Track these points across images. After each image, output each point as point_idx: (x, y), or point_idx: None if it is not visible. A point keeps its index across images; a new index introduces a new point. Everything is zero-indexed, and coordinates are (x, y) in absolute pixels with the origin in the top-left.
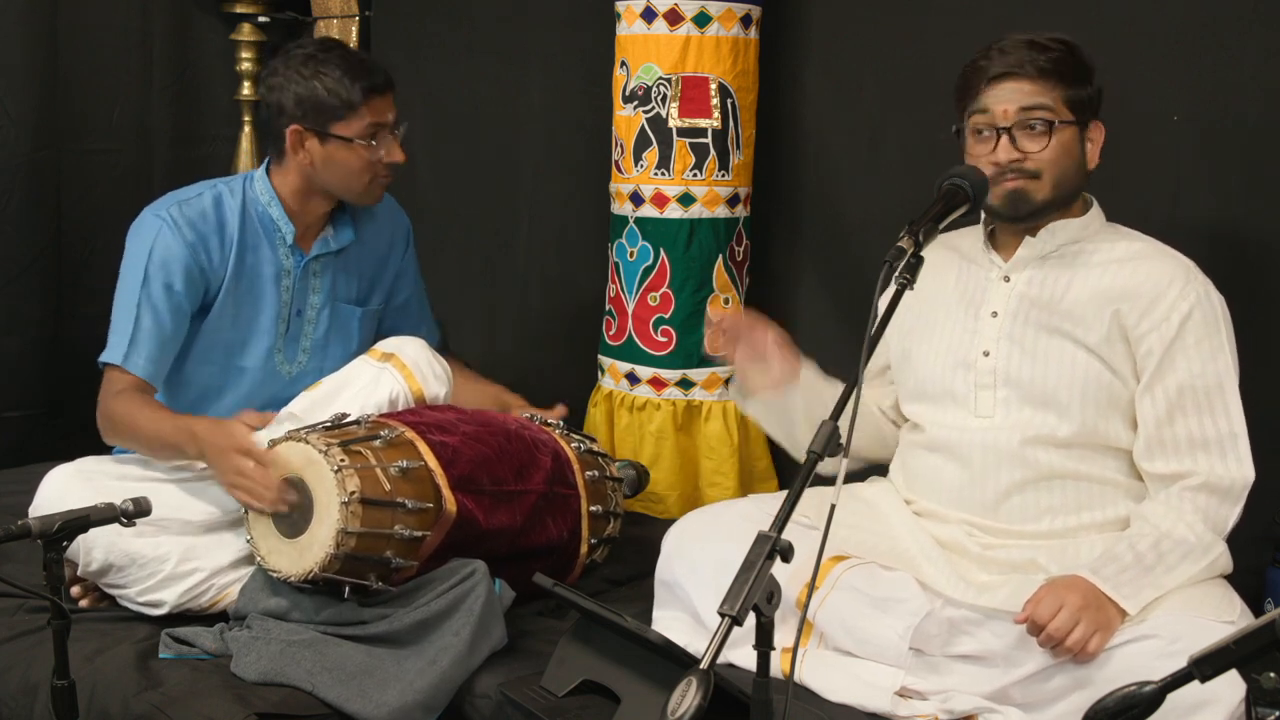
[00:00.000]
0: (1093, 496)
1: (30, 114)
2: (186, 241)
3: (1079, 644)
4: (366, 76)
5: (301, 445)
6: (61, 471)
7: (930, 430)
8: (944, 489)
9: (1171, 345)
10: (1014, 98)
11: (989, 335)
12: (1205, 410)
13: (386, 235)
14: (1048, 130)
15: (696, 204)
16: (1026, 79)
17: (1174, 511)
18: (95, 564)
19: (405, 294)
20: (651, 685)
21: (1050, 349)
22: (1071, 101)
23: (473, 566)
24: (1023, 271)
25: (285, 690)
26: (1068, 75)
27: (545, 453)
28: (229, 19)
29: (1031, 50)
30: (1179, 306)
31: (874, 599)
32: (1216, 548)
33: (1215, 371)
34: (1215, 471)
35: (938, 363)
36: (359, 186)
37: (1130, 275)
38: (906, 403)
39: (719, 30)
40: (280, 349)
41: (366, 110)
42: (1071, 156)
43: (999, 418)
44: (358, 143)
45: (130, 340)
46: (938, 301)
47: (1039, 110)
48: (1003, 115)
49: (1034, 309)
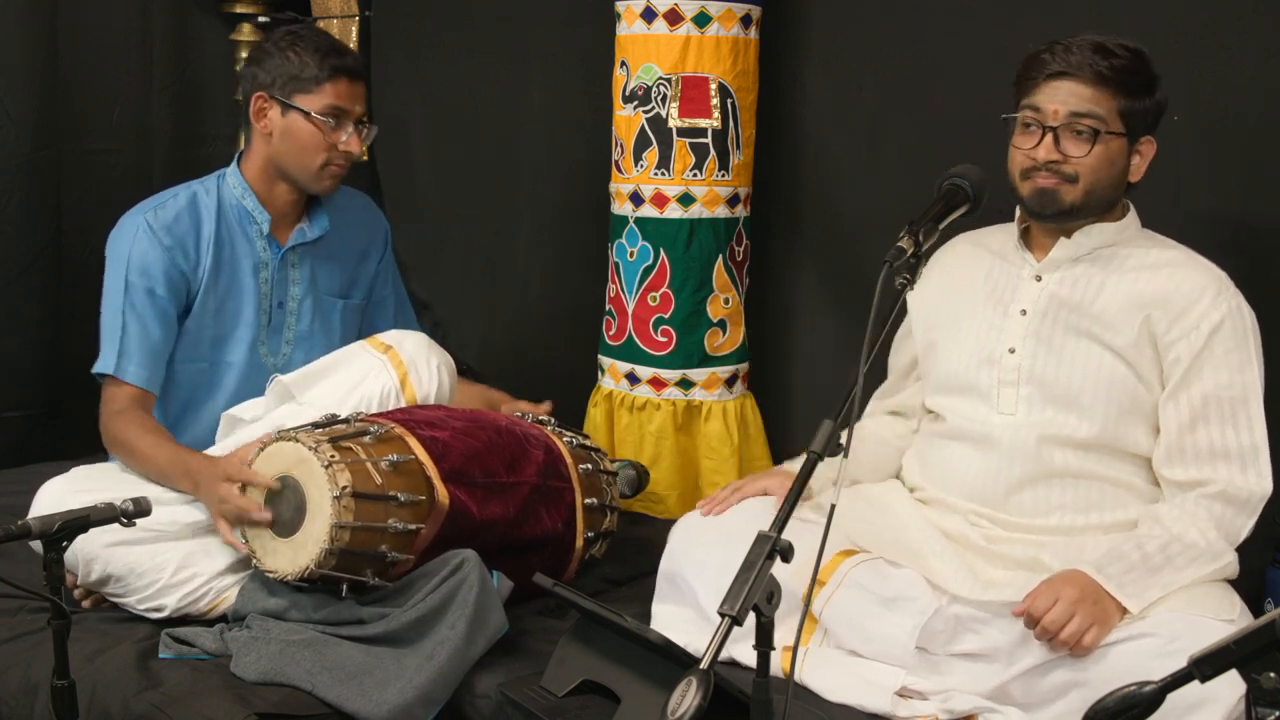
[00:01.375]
0: (1105, 497)
1: (30, 114)
2: (163, 246)
3: (1074, 637)
4: (338, 56)
5: (291, 444)
6: (57, 483)
7: (951, 420)
8: (959, 478)
9: (1200, 354)
10: (1067, 100)
11: (1015, 332)
12: (1229, 421)
13: (365, 233)
14: (1093, 138)
15: (696, 204)
16: (1084, 83)
17: (1187, 515)
18: (94, 575)
19: (382, 294)
20: (651, 685)
21: (1077, 350)
22: (1126, 113)
23: (463, 556)
24: (1055, 272)
25: (285, 690)
26: (1128, 85)
27: (537, 446)
28: (229, 19)
29: (1096, 54)
30: (1210, 316)
31: (882, 597)
32: (1226, 555)
33: (1242, 383)
34: (1234, 482)
35: (963, 357)
36: (312, 166)
37: (1164, 282)
38: (930, 395)
39: (719, 30)
40: (264, 341)
41: (330, 88)
42: (1113, 167)
43: (1020, 415)
44: (315, 117)
45: (120, 349)
46: (966, 296)
47: (1089, 118)
48: (1052, 115)
49: (1064, 309)
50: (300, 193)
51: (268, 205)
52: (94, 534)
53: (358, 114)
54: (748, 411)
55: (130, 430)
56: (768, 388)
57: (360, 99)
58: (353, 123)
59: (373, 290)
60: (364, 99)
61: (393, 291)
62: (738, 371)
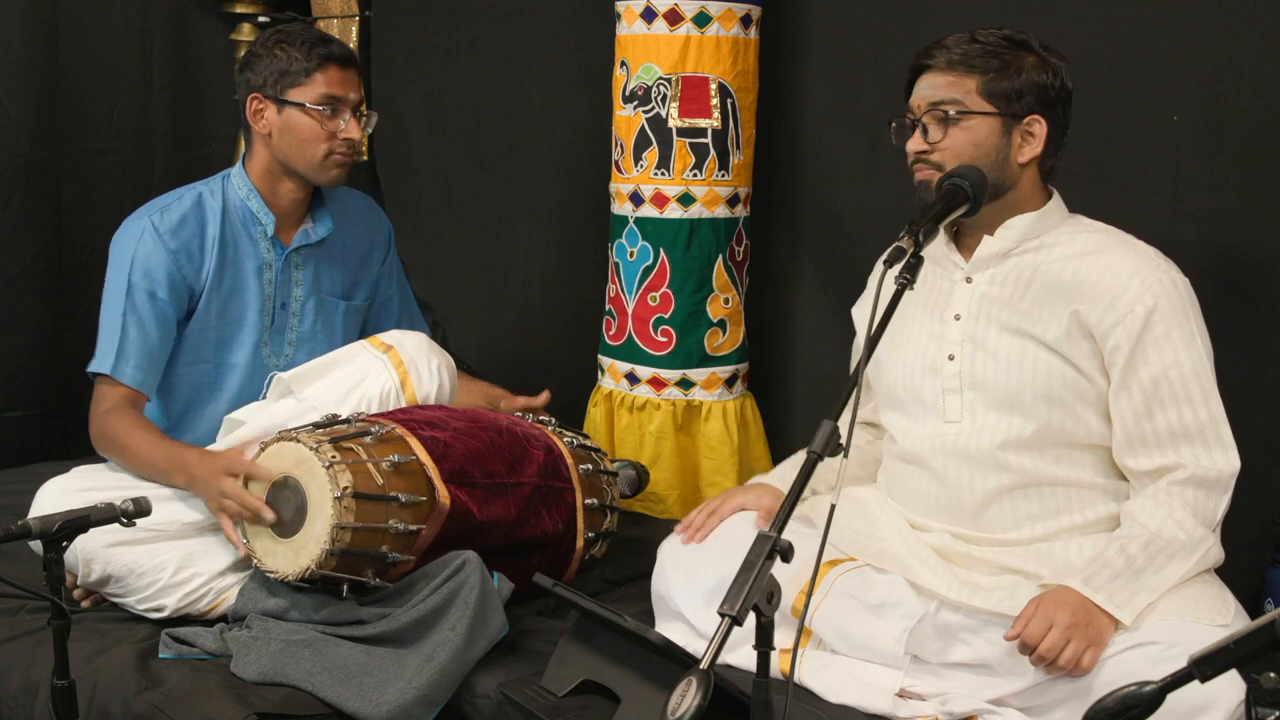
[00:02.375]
0: (1070, 500)
1: (30, 114)
2: (168, 249)
3: (1071, 662)
4: (324, 46)
5: (292, 444)
6: (57, 483)
7: (902, 441)
8: (921, 500)
9: (1140, 338)
10: (926, 91)
11: (953, 339)
12: (1184, 400)
13: (367, 234)
14: (948, 121)
15: (696, 204)
16: (939, 71)
17: (1163, 508)
18: (94, 575)
19: (387, 295)
20: (651, 685)
21: (1012, 349)
22: (989, 93)
23: (464, 557)
24: (984, 271)
25: (285, 690)
26: (985, 65)
27: (538, 447)
28: (229, 19)
29: (957, 43)
30: (1143, 299)
31: (868, 604)
32: (1206, 542)
33: (1190, 359)
34: (1201, 463)
35: (907, 369)
36: (315, 158)
37: (1088, 271)
38: (881, 411)
39: (719, 30)
40: (267, 342)
41: (322, 78)
42: (983, 148)
43: (967, 422)
44: (311, 108)
45: (118, 350)
46: (906, 307)
47: (945, 103)
48: (917, 108)
49: (994, 307)
50: (305, 191)
51: (272, 206)
52: (94, 534)
53: (353, 101)
54: (748, 411)
55: (121, 427)
56: (768, 388)
57: (354, 85)
58: (350, 110)
59: (376, 292)
60: (359, 86)
61: (397, 292)
62: (738, 371)
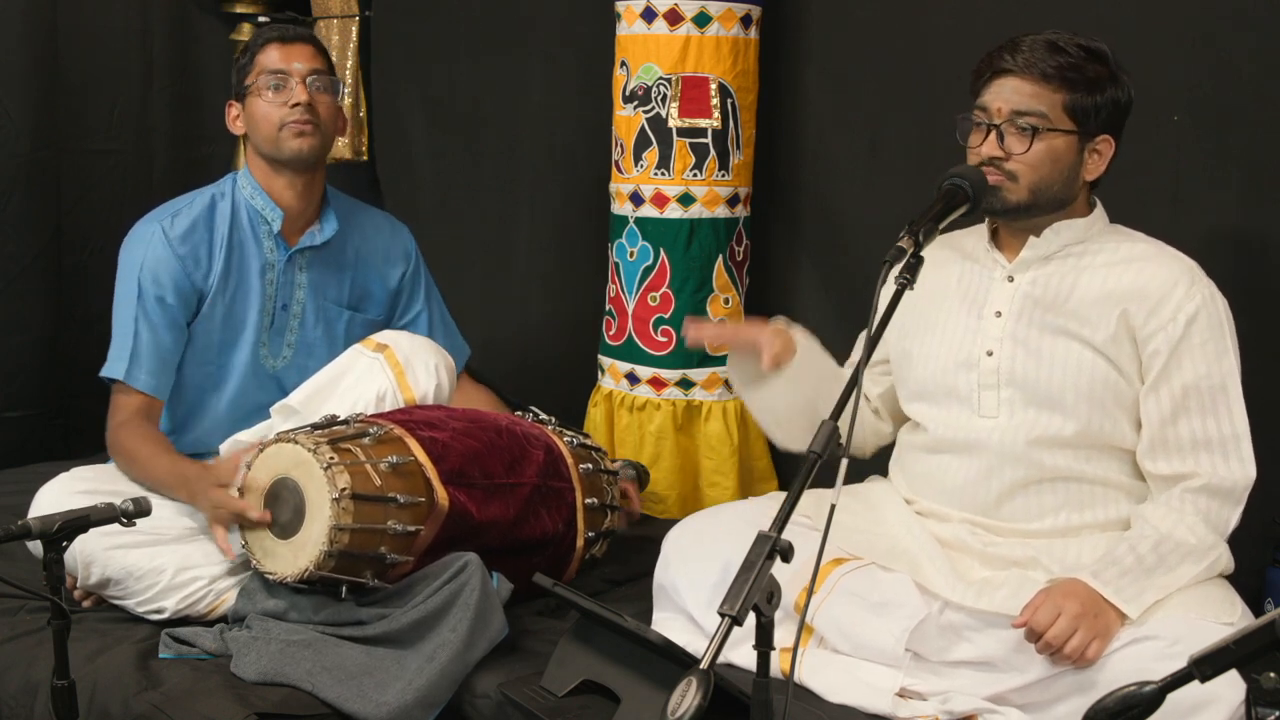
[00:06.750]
0: (1095, 497)
1: (30, 114)
2: (178, 255)
3: (1077, 651)
4: (268, 30)
5: (290, 445)
6: (57, 483)
7: (934, 430)
8: (947, 488)
9: (1178, 345)
10: (1010, 97)
11: (992, 335)
12: (1209, 411)
13: (382, 247)
14: (1032, 135)
15: (696, 204)
16: (1027, 80)
17: (1175, 513)
18: (94, 578)
19: (413, 313)
20: (651, 685)
21: (1055, 349)
22: (1073, 110)
23: (465, 559)
24: (1027, 272)
25: (285, 690)
26: (1074, 82)
27: (537, 447)
28: (229, 19)
29: (1045, 51)
30: (1185, 307)
31: (871, 603)
32: (1217, 549)
33: (1220, 373)
34: (1218, 473)
35: (939, 362)
36: (271, 134)
37: (1136, 275)
38: (907, 403)
39: (719, 30)
40: (265, 343)
41: (261, 59)
42: (1059, 165)
43: (1004, 418)
44: (257, 87)
45: (131, 355)
46: (938, 301)
47: (1030, 115)
48: (996, 112)
49: (1038, 309)
50: (302, 184)
51: (278, 202)
52: (93, 537)
53: (301, 71)
54: (748, 411)
55: (132, 440)
56: None
57: (301, 57)
58: (300, 80)
59: (396, 307)
60: (310, 57)
61: (426, 308)
62: None
